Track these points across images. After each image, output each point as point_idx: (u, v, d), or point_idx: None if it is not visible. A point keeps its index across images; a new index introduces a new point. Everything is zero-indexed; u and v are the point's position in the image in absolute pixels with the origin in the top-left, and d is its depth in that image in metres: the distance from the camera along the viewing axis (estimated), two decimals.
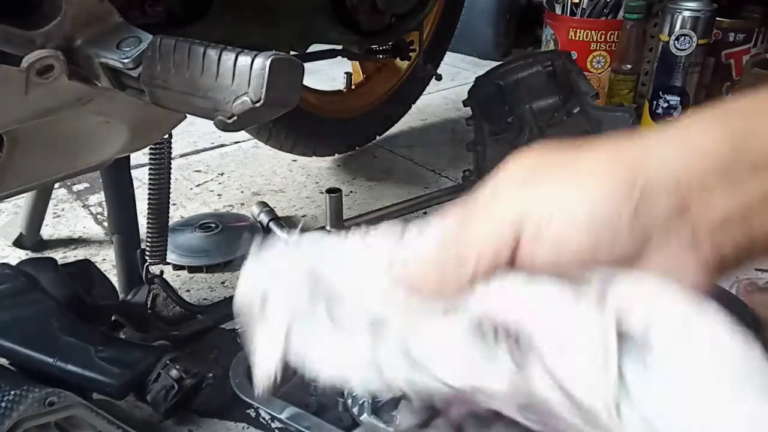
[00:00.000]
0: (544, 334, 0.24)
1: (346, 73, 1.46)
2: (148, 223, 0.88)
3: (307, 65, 0.57)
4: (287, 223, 1.15)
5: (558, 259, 0.26)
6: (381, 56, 1.30)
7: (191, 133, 1.57)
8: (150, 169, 0.87)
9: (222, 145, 1.55)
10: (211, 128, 0.55)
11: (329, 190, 1.02)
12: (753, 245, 0.26)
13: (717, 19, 1.48)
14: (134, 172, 0.88)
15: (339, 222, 1.05)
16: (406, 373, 0.27)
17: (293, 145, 1.31)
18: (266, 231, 1.13)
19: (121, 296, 0.85)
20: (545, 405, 0.24)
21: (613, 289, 0.25)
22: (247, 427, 0.73)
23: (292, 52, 0.96)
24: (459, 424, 0.31)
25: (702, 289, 0.25)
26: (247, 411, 0.75)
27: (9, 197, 0.68)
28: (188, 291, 0.98)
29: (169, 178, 0.88)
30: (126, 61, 0.53)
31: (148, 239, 0.89)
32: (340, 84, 1.47)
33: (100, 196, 1.27)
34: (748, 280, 0.92)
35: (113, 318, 0.81)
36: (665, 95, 1.50)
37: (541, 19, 1.75)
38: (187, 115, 0.61)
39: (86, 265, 0.82)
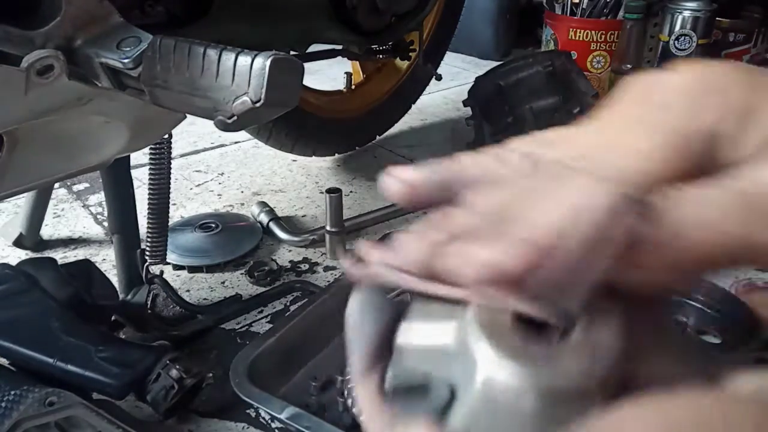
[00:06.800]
0: None
1: (346, 73, 1.46)
2: (148, 223, 0.88)
3: (307, 65, 0.57)
4: (287, 223, 1.15)
5: None
6: (381, 56, 1.30)
7: (191, 133, 1.57)
8: (150, 169, 0.87)
9: (222, 145, 1.55)
10: (211, 128, 0.55)
11: (329, 190, 1.02)
12: None
13: (717, 19, 1.49)
14: (134, 172, 0.88)
15: (339, 222, 1.05)
16: None
17: (293, 145, 1.31)
18: (266, 231, 1.13)
19: (121, 296, 0.85)
20: None
21: None
22: (247, 427, 0.73)
23: (292, 52, 0.96)
24: None
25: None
26: (247, 411, 0.75)
27: (9, 197, 0.68)
28: (188, 291, 0.98)
29: (169, 178, 0.88)
30: (126, 61, 0.53)
31: (148, 239, 0.89)
32: (340, 84, 1.47)
33: (100, 196, 1.27)
34: (747, 279, 0.92)
35: (113, 318, 0.81)
36: None
37: (541, 19, 1.75)
38: (187, 115, 0.61)
39: (86, 265, 0.82)
